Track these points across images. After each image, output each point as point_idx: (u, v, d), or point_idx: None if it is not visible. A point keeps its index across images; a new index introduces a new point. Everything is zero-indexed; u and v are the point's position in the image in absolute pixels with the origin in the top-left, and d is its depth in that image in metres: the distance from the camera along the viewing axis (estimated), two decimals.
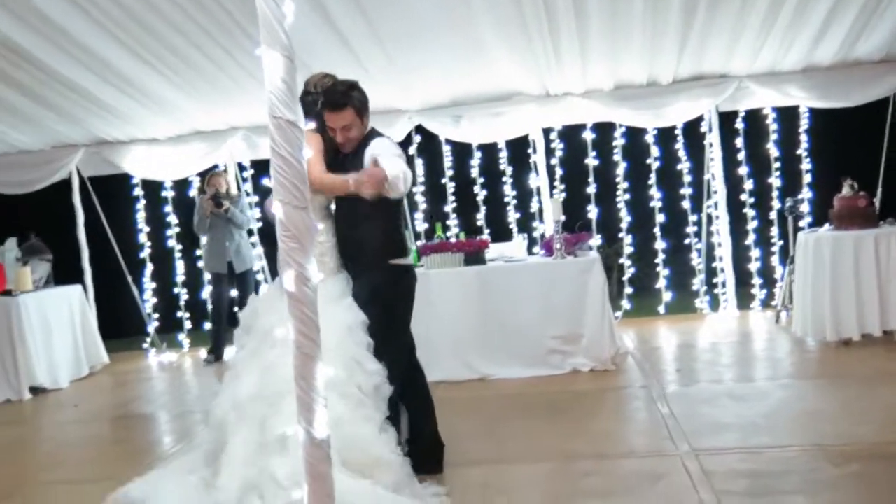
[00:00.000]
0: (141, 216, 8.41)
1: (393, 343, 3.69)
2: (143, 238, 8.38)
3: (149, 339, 8.44)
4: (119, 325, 9.04)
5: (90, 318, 7.82)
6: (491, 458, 4.12)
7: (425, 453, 3.83)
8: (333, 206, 3.83)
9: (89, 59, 5.97)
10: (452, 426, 4.73)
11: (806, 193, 7.62)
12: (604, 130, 7.84)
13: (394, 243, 3.83)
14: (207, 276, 7.79)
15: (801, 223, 7.24)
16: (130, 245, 8.39)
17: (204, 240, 7.69)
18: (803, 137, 7.71)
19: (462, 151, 8.13)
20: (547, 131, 7.78)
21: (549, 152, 7.86)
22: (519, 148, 8.03)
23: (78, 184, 8.19)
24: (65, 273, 7.96)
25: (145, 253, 8.39)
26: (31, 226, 7.98)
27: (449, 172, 8.12)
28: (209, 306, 7.82)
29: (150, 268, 8.39)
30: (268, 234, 7.72)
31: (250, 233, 7.95)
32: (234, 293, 7.67)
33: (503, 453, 4.20)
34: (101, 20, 5.43)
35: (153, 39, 5.77)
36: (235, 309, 7.24)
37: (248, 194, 8.21)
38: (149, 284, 8.42)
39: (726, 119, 7.74)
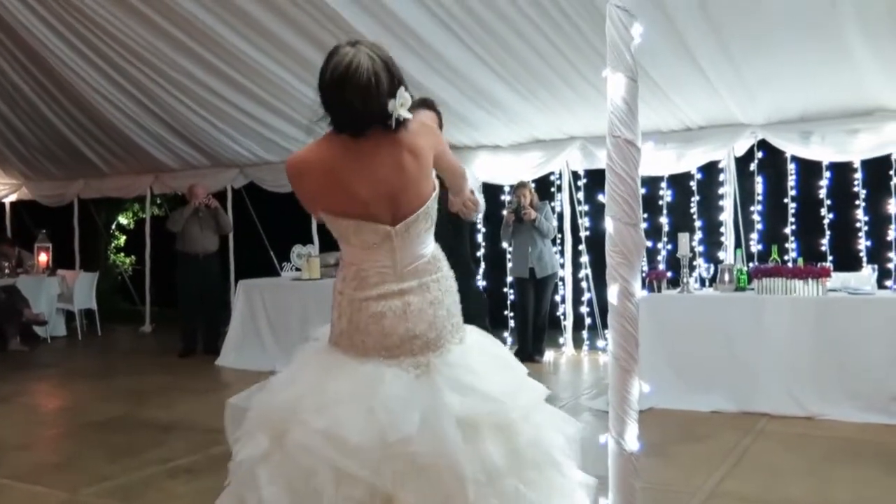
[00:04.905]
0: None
1: None
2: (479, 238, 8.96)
3: None
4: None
5: None
6: (813, 502, 3.84)
7: None
8: None
9: (454, 76, 6.72)
10: (774, 461, 4.51)
11: None
12: None
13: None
14: (509, 279, 8.47)
15: None
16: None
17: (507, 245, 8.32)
18: None
19: (809, 170, 7.54)
20: None
21: None
22: (877, 168, 7.22)
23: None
24: None
25: (480, 252, 8.92)
26: None
27: (792, 192, 7.59)
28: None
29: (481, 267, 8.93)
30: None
31: (553, 241, 8.21)
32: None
33: (827, 498, 3.89)
34: (464, 39, 6.14)
35: (508, 54, 6.34)
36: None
37: (579, 203, 8.42)
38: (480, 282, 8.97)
39: None
